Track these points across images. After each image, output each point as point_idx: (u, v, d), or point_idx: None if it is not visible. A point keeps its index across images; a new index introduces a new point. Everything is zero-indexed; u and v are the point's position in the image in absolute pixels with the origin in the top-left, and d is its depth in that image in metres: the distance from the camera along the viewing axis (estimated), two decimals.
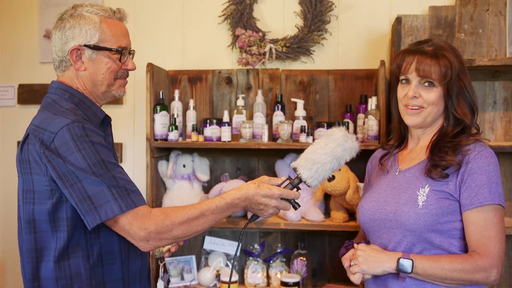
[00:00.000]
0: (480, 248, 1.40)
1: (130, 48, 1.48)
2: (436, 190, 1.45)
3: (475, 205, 1.40)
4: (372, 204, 1.58)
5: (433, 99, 1.49)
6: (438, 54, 1.48)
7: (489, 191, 1.40)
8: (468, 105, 1.51)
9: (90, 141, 1.29)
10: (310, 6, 2.50)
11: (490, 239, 1.39)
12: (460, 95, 1.49)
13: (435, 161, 1.47)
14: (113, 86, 1.46)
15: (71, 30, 1.39)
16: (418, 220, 1.44)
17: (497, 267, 1.39)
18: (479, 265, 1.38)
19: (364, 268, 1.46)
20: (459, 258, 1.40)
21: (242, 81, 2.58)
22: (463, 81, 1.49)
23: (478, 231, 1.40)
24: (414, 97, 1.50)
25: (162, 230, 1.29)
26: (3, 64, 2.84)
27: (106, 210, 1.26)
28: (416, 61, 1.49)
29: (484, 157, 1.43)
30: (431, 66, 1.47)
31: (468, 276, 1.39)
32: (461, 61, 1.52)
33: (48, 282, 1.33)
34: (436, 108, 1.50)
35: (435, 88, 1.49)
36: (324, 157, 1.36)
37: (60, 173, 1.27)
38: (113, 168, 1.30)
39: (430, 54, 1.49)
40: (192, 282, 2.49)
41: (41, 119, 1.34)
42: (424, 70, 1.47)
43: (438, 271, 1.39)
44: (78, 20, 1.39)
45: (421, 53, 1.50)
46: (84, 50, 1.40)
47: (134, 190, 1.31)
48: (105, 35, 1.40)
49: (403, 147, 1.66)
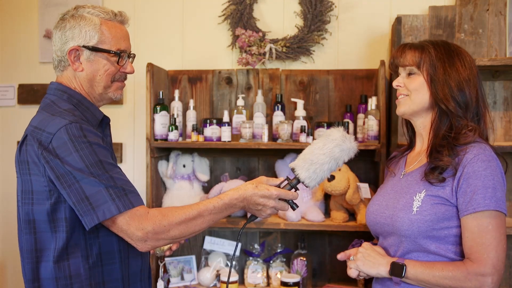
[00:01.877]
0: (473, 256, 1.35)
1: (129, 52, 1.48)
2: (432, 195, 1.42)
3: (469, 211, 1.36)
4: (376, 207, 1.58)
5: (414, 85, 1.51)
6: (417, 45, 1.53)
7: (483, 197, 1.35)
8: (452, 95, 1.46)
9: (88, 142, 1.29)
10: (310, 6, 2.50)
11: (483, 247, 1.34)
12: (445, 84, 1.46)
13: (433, 162, 1.44)
14: (110, 89, 1.46)
15: (71, 31, 1.40)
16: (411, 226, 1.41)
17: (491, 275, 1.32)
18: (470, 273, 1.33)
19: (359, 264, 1.47)
20: (450, 266, 1.37)
21: (242, 81, 2.58)
22: (446, 69, 1.47)
23: (472, 237, 1.36)
24: (399, 86, 1.55)
25: (159, 230, 1.29)
26: (3, 64, 2.84)
27: (104, 211, 1.26)
28: (400, 54, 1.55)
29: (480, 161, 1.38)
30: (407, 54, 1.52)
31: (459, 284, 1.34)
32: (448, 50, 1.50)
33: (48, 282, 1.34)
34: (419, 95, 1.50)
35: (416, 75, 1.51)
36: (322, 158, 1.36)
37: (58, 173, 1.28)
38: (110, 169, 1.30)
39: (409, 46, 1.54)
40: (192, 282, 2.49)
41: (39, 120, 1.35)
42: (402, 60, 1.53)
43: (429, 278, 1.37)
44: (78, 21, 1.40)
45: (403, 47, 1.56)
46: (82, 51, 1.40)
47: (132, 191, 1.31)
48: (105, 37, 1.41)
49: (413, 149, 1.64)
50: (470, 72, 1.48)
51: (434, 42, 1.53)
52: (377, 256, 1.47)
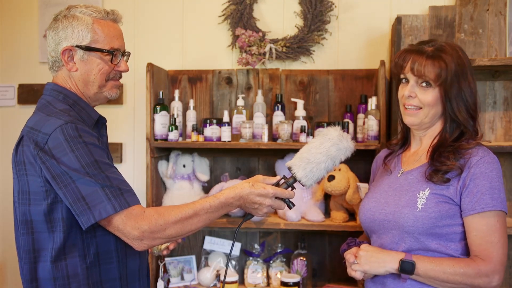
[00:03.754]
0: (483, 253, 1.39)
1: (123, 50, 1.48)
2: (436, 193, 1.44)
3: (477, 210, 1.40)
4: (373, 204, 1.58)
5: (429, 100, 1.48)
6: (435, 55, 1.47)
7: (491, 197, 1.40)
8: (467, 108, 1.48)
9: (84, 142, 1.29)
10: (310, 6, 2.50)
11: (492, 245, 1.39)
12: (459, 98, 1.47)
13: (436, 166, 1.46)
14: (105, 88, 1.46)
15: (64, 31, 1.40)
16: (416, 222, 1.43)
17: (499, 272, 1.38)
18: (482, 270, 1.37)
19: (367, 268, 1.46)
20: (461, 262, 1.39)
21: (242, 81, 2.58)
22: (461, 83, 1.47)
23: (480, 236, 1.40)
24: (410, 97, 1.50)
25: (155, 229, 1.29)
26: (3, 64, 2.84)
27: (100, 210, 1.26)
28: (411, 60, 1.48)
29: (487, 162, 1.42)
30: (425, 66, 1.46)
31: (470, 280, 1.38)
32: (462, 62, 1.48)
33: (46, 282, 1.34)
34: (433, 110, 1.49)
35: (432, 88, 1.47)
36: (319, 157, 1.36)
37: (54, 174, 1.28)
38: (106, 168, 1.30)
39: (427, 54, 1.48)
40: (192, 282, 2.49)
41: (35, 120, 1.35)
42: (418, 70, 1.46)
43: (440, 274, 1.38)
44: (71, 20, 1.40)
45: (417, 53, 1.49)
46: (76, 50, 1.40)
47: (128, 190, 1.31)
48: (97, 36, 1.40)
49: (407, 148, 1.65)
50: (475, 82, 1.52)
51: (452, 53, 1.47)
52: (380, 254, 1.46)
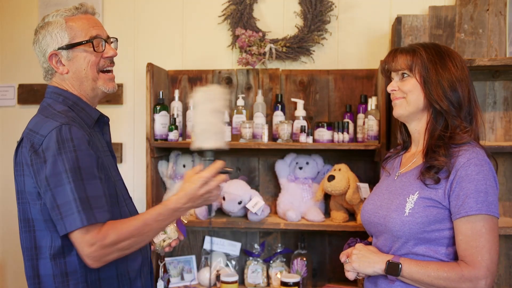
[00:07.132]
0: (468, 258, 1.37)
1: (106, 37, 1.49)
2: (424, 197, 1.44)
3: (462, 214, 1.38)
4: (370, 206, 1.59)
5: (408, 87, 1.53)
6: (408, 49, 1.56)
7: (475, 201, 1.37)
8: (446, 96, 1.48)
9: (73, 146, 1.30)
10: (310, 6, 2.50)
11: (477, 250, 1.36)
12: (438, 86, 1.49)
13: (428, 162, 1.46)
14: (99, 80, 1.47)
15: (44, 40, 1.44)
16: (403, 227, 1.43)
17: (485, 278, 1.35)
18: (465, 275, 1.36)
19: (356, 266, 1.48)
20: (445, 267, 1.38)
21: (242, 81, 2.58)
22: (438, 70, 1.49)
23: (465, 240, 1.38)
24: (394, 91, 1.58)
25: (107, 244, 1.29)
26: (3, 64, 2.84)
27: (71, 222, 1.27)
28: (392, 59, 1.57)
29: (474, 165, 1.39)
30: (399, 59, 1.55)
31: (453, 285, 1.36)
32: (440, 51, 1.53)
33: (47, 279, 1.37)
34: (414, 95, 1.52)
35: (410, 78, 1.53)
36: (207, 119, 1.41)
37: (38, 179, 1.31)
38: (87, 178, 1.30)
39: (401, 49, 1.57)
40: (192, 282, 2.49)
41: (34, 122, 1.38)
42: (394, 65, 1.56)
43: (424, 277, 1.38)
44: (46, 28, 1.44)
45: (394, 52, 1.58)
46: (60, 53, 1.43)
47: (101, 206, 1.31)
48: (74, 32, 1.43)
49: (409, 150, 1.66)
50: (462, 72, 1.51)
51: (425, 45, 1.56)
52: (371, 255, 1.48)
